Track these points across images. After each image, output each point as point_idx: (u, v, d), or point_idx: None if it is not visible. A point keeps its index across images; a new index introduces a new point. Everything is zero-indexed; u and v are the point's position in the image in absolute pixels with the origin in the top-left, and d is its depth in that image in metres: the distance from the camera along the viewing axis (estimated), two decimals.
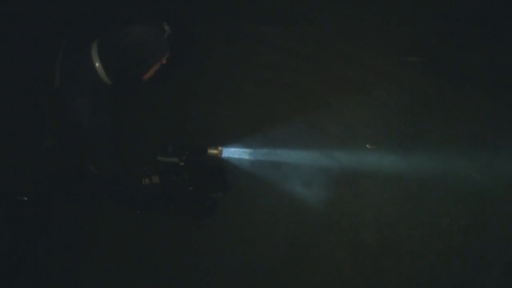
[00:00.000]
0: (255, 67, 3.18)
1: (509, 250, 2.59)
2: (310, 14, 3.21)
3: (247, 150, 2.94)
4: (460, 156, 2.82)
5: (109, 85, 2.08)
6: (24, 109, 2.15)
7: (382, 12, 3.15)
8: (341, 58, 3.12)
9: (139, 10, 2.12)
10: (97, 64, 2.00)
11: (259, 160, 2.98)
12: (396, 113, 2.97)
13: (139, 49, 1.97)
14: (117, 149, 2.19)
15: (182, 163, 2.52)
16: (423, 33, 3.10)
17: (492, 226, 2.64)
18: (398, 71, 3.07)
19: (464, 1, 3.13)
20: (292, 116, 3.05)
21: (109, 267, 2.79)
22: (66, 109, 2.00)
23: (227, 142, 2.82)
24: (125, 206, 2.53)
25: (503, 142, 2.81)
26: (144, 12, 2.10)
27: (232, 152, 2.85)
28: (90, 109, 1.99)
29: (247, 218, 2.88)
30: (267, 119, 3.06)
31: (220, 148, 2.68)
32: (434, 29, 3.10)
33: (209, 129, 3.08)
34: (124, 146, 2.67)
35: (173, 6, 3.19)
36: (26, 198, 2.27)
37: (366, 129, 2.96)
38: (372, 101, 3.01)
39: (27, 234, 2.45)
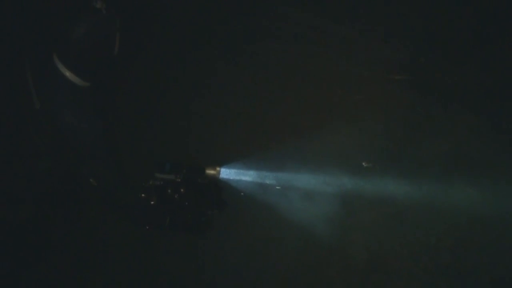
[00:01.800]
0: (253, 89, 3.31)
1: (496, 268, 2.59)
2: (298, 33, 3.35)
3: (245, 172, 3.03)
4: (448, 174, 2.86)
5: (87, 86, 2.14)
6: (14, 135, 2.24)
7: (368, 31, 3.27)
8: (330, 77, 3.24)
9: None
10: (67, 74, 2.04)
11: (256, 182, 3.05)
12: (385, 131, 3.04)
13: (89, 39, 2.02)
14: (113, 155, 2.30)
15: (179, 179, 2.65)
16: (408, 51, 3.18)
17: (479, 244, 2.65)
18: (385, 90, 3.15)
19: (451, 19, 3.22)
20: (288, 137, 3.12)
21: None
22: (55, 126, 2.10)
23: (225, 163, 2.94)
24: (123, 218, 2.64)
25: (491, 160, 2.85)
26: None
27: (230, 173, 2.96)
28: (77, 118, 2.08)
29: (241, 237, 2.95)
30: (265, 141, 3.15)
31: (218, 168, 2.77)
32: (421, 47, 3.18)
33: (208, 148, 3.17)
34: (123, 159, 2.82)
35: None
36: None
37: (356, 148, 3.02)
38: (360, 121, 3.08)
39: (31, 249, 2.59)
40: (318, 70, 3.27)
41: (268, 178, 3.07)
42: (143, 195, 2.52)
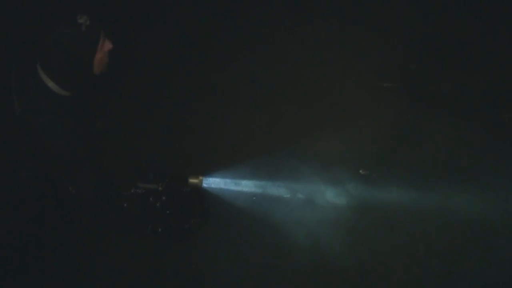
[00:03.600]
0: (241, 100, 3.30)
1: (485, 275, 2.58)
2: (288, 42, 3.37)
3: (229, 181, 2.98)
4: (437, 181, 2.86)
5: (69, 96, 2.11)
6: None
7: (360, 38, 3.31)
8: (321, 84, 3.25)
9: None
10: (49, 84, 2.04)
11: (241, 192, 2.99)
12: (375, 139, 3.04)
13: (64, 51, 1.99)
14: (94, 164, 2.24)
15: (161, 188, 2.58)
16: (400, 58, 3.23)
17: (468, 251, 2.65)
18: (374, 97, 3.17)
19: (440, 26, 3.30)
20: (277, 145, 3.10)
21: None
22: (33, 134, 2.04)
23: (209, 172, 2.88)
24: (104, 226, 2.55)
25: (480, 167, 2.87)
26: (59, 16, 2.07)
27: (213, 182, 2.90)
28: (56, 127, 2.04)
29: (223, 248, 2.89)
30: (252, 150, 3.10)
31: (200, 177, 2.72)
32: (413, 54, 3.23)
33: (192, 157, 3.12)
34: (107, 168, 2.73)
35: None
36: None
37: (345, 155, 3.01)
38: (351, 128, 3.08)
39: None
40: (308, 78, 3.28)
41: (256, 188, 3.02)
42: (125, 204, 2.45)
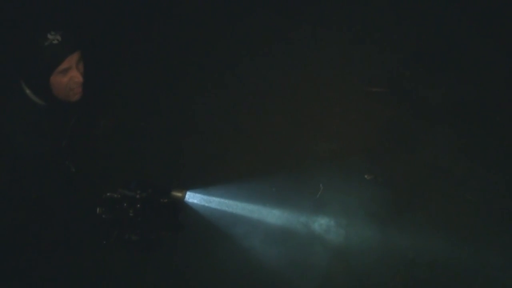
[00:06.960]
0: (236, 109, 3.36)
1: (474, 283, 2.52)
2: (278, 46, 3.48)
3: (215, 199, 2.94)
4: (425, 188, 2.87)
5: (44, 105, 2.03)
6: None
7: (344, 45, 3.44)
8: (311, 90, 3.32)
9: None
10: (27, 91, 1.98)
11: (223, 211, 2.94)
12: (366, 144, 3.08)
13: (20, 62, 1.92)
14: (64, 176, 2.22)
15: (138, 196, 2.53)
16: (393, 64, 3.34)
17: (457, 259, 2.59)
18: (363, 102, 3.23)
19: (430, 33, 3.44)
20: (271, 154, 3.14)
21: None
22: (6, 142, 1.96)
23: (195, 187, 2.85)
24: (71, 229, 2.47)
25: (469, 174, 2.90)
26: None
27: (197, 198, 2.85)
28: (25, 133, 1.98)
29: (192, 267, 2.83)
30: (245, 160, 3.15)
31: (184, 191, 2.70)
32: (407, 61, 3.35)
33: (180, 170, 3.11)
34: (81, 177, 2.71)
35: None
36: None
37: (336, 161, 3.03)
38: (340, 133, 3.13)
39: None
40: (299, 84, 3.38)
41: (239, 210, 2.97)
42: (98, 208, 2.39)
